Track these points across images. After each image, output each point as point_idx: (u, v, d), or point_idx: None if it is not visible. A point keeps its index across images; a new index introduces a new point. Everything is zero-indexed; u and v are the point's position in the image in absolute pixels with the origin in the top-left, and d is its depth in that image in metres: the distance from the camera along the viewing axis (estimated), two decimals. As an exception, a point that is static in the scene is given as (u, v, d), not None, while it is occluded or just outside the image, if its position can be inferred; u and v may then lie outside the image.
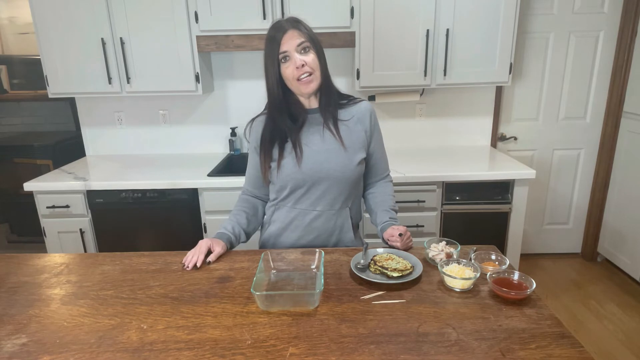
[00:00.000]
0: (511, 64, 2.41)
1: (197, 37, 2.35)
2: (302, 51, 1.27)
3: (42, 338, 0.98)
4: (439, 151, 2.74)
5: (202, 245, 1.32)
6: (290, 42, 1.26)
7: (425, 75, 2.42)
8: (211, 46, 2.38)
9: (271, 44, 1.28)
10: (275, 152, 1.36)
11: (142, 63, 2.39)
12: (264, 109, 1.43)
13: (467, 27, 2.35)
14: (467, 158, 2.58)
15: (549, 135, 2.94)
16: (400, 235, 1.31)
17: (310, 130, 1.37)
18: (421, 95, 2.74)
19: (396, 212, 1.48)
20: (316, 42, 1.30)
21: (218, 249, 1.33)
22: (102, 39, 2.35)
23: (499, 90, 2.81)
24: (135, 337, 0.97)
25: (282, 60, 1.28)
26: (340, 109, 1.40)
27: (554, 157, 2.99)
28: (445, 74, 2.42)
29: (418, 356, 0.89)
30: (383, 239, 1.39)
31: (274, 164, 1.36)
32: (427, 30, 2.35)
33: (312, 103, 1.38)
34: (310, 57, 1.28)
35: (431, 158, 2.59)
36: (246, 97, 2.78)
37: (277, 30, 1.27)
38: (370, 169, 1.49)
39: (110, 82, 2.42)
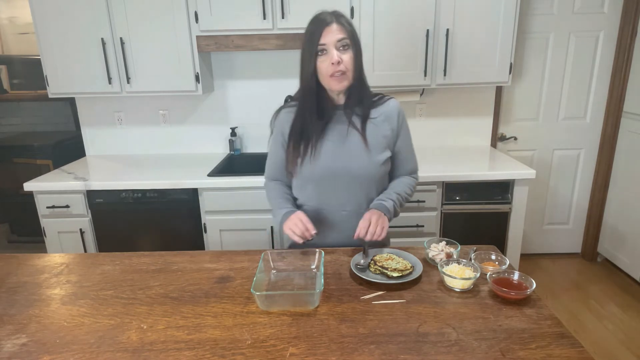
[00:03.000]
0: (511, 64, 2.41)
1: (197, 37, 2.35)
2: (341, 48, 1.26)
3: (42, 338, 0.98)
4: (439, 151, 2.74)
5: (302, 218, 1.29)
6: (331, 35, 1.24)
7: (425, 75, 2.42)
8: (211, 46, 2.38)
9: (311, 35, 1.26)
10: (302, 149, 1.35)
11: (142, 63, 2.39)
12: (291, 101, 1.42)
13: (467, 27, 2.35)
14: (467, 158, 2.58)
15: (549, 135, 2.94)
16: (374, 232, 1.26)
17: (337, 127, 1.36)
18: (421, 95, 2.74)
19: (402, 198, 1.41)
20: (356, 40, 1.29)
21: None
22: (102, 39, 2.35)
23: (499, 90, 2.81)
24: (135, 337, 0.97)
25: (319, 53, 1.26)
26: (370, 108, 1.39)
27: (554, 157, 2.99)
28: (445, 74, 2.42)
29: (418, 356, 0.89)
30: None
31: (299, 160, 1.35)
32: (427, 30, 2.35)
33: (341, 100, 1.37)
34: (348, 56, 1.26)
35: (431, 158, 2.59)
36: (246, 97, 2.78)
37: (319, 23, 1.26)
38: (395, 169, 1.46)
39: (110, 82, 2.42)
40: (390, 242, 1.55)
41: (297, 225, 1.29)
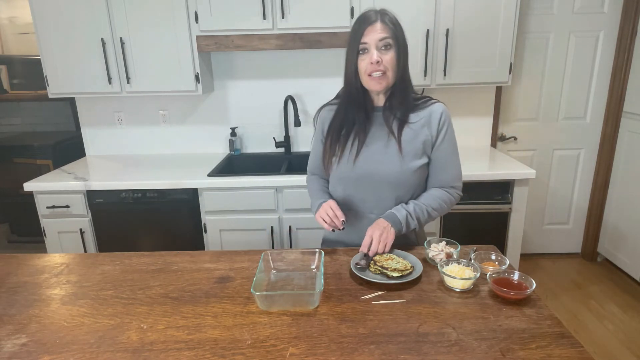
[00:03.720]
0: (511, 63, 2.41)
1: (197, 37, 2.35)
2: (383, 48, 1.24)
3: (42, 338, 0.98)
4: (439, 151, 2.74)
5: (332, 206, 1.30)
6: (373, 35, 1.23)
7: (425, 75, 2.42)
8: (211, 46, 2.38)
9: (354, 33, 1.25)
10: (338, 147, 1.35)
11: (142, 63, 2.39)
12: (334, 98, 1.42)
13: (467, 27, 2.35)
14: (467, 158, 2.58)
15: (549, 135, 2.94)
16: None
17: (373, 130, 1.34)
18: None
19: (421, 210, 1.32)
20: (400, 40, 1.26)
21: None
22: (102, 39, 2.35)
23: (499, 90, 2.81)
24: (135, 337, 0.97)
25: (360, 52, 1.25)
26: (411, 111, 1.34)
27: (554, 157, 2.99)
28: (445, 74, 2.42)
29: (418, 356, 0.89)
30: None
31: (334, 159, 1.35)
32: (427, 30, 2.35)
33: (381, 101, 1.35)
34: (389, 56, 1.24)
35: (431, 158, 2.59)
36: (246, 97, 2.78)
37: (363, 21, 1.25)
38: (430, 177, 1.39)
39: (110, 82, 2.42)
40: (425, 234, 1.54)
41: (327, 213, 1.29)
